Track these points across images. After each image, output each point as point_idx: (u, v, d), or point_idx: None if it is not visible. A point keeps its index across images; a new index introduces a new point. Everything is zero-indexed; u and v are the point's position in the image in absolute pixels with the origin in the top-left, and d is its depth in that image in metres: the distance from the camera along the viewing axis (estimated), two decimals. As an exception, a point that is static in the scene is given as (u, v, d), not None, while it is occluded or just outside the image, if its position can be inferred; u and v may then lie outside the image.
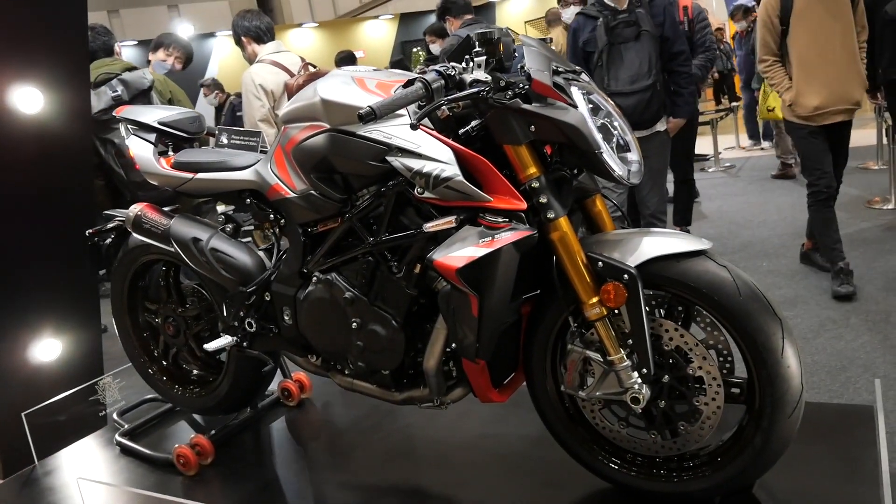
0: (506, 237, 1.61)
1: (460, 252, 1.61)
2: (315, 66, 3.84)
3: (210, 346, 2.17)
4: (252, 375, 2.37)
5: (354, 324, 1.90)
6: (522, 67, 1.71)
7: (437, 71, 1.57)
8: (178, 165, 2.20)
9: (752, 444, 1.65)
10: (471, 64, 1.60)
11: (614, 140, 1.69)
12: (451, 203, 1.67)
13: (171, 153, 2.33)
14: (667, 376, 1.70)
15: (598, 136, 1.61)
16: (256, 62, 3.85)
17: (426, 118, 1.67)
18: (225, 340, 2.16)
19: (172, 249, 2.19)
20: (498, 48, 1.62)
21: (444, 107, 1.62)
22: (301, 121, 1.89)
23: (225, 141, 2.28)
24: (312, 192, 1.90)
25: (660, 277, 1.65)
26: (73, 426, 3.07)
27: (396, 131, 1.71)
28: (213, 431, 2.43)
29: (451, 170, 1.63)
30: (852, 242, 4.49)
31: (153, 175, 2.25)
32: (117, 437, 2.63)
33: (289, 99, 3.73)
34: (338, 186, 1.88)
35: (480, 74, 1.58)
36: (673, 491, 1.76)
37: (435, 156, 1.64)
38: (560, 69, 1.69)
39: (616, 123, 1.71)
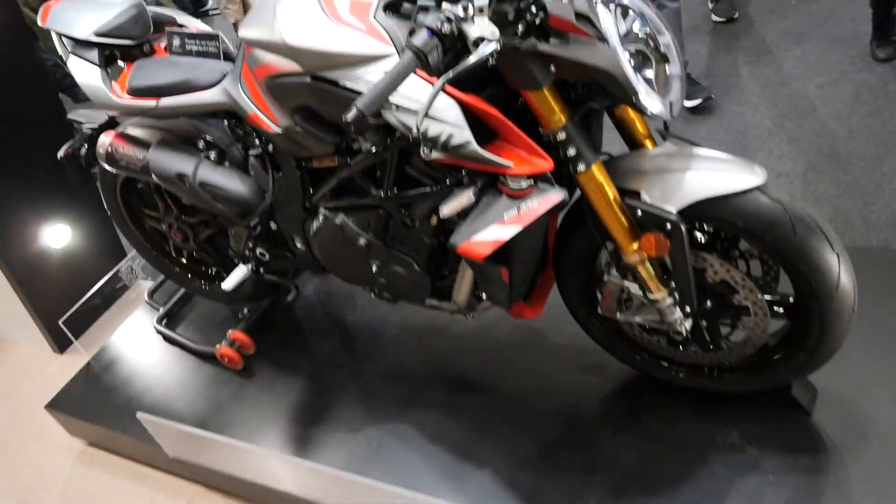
0: (533, 208, 1.41)
1: (484, 235, 1.43)
2: None
3: (227, 283, 2.07)
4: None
5: (374, 266, 1.78)
6: None
7: (428, 28, 1.22)
8: (135, 91, 1.88)
9: (794, 359, 1.62)
10: (469, 9, 1.22)
11: (652, 66, 1.38)
12: (464, 164, 1.44)
13: (121, 62, 1.98)
14: (709, 302, 1.62)
15: (635, 78, 1.31)
16: None
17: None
18: (240, 273, 2.06)
19: (156, 181, 1.99)
20: None
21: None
22: (267, 51, 1.56)
23: (178, 46, 1.91)
24: (299, 130, 1.65)
25: (706, 216, 1.48)
26: (105, 308, 3.16)
27: None
28: (244, 317, 2.46)
29: (462, 134, 1.37)
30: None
31: (110, 106, 1.94)
32: (156, 325, 2.68)
33: None
34: (329, 129, 1.62)
35: (485, 27, 1.22)
36: (711, 388, 1.79)
37: (440, 115, 1.37)
38: None
39: (655, 41, 1.39)
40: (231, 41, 1.94)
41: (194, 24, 2.12)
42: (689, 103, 3.20)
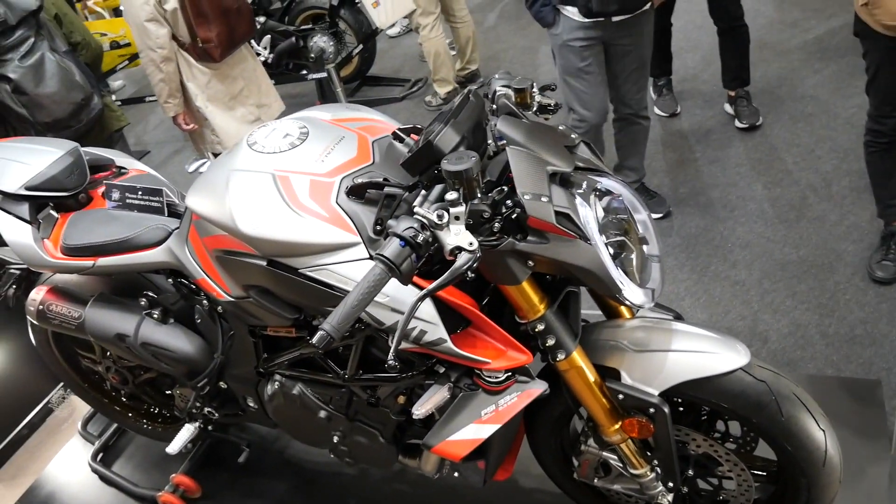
0: (512, 403, 1.33)
1: (461, 434, 1.34)
2: None
3: (172, 447, 1.91)
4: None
5: (336, 437, 1.66)
6: (500, 139, 1.28)
7: (400, 238, 1.12)
8: (70, 251, 1.73)
9: (778, 525, 1.57)
10: (445, 216, 1.13)
11: (635, 254, 1.32)
12: (437, 355, 1.35)
13: (53, 213, 1.82)
14: (691, 471, 1.56)
15: (618, 274, 1.25)
16: None
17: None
18: (187, 433, 1.90)
19: (92, 341, 1.83)
20: (477, 182, 1.16)
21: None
22: (216, 226, 1.44)
23: (117, 199, 1.77)
24: (252, 301, 1.53)
25: (687, 396, 1.42)
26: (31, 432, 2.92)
27: (354, 271, 1.30)
28: (188, 456, 2.28)
29: (436, 331, 1.28)
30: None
31: (41, 266, 1.78)
32: (90, 463, 2.47)
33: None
34: (286, 306, 1.50)
35: (462, 235, 1.13)
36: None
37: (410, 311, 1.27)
38: (559, 168, 1.26)
39: (631, 221, 1.34)
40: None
41: (135, 167, 1.98)
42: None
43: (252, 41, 3.85)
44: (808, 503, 1.47)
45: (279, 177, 1.36)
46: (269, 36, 4.67)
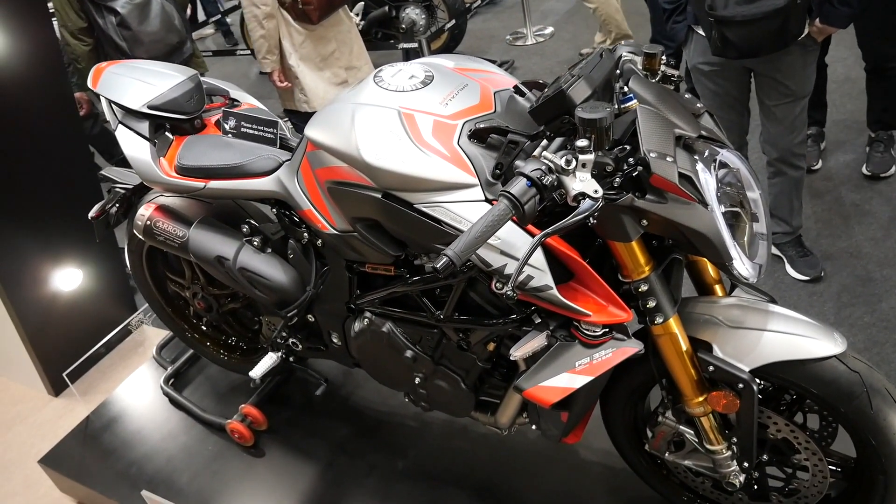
0: (607, 359, 1.36)
1: (553, 382, 1.37)
2: None
3: (255, 372, 1.99)
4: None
5: (417, 378, 1.71)
6: (628, 100, 1.30)
7: (527, 177, 1.15)
8: (184, 171, 1.81)
9: (848, 523, 1.57)
10: (572, 163, 1.17)
11: (746, 229, 1.34)
12: (538, 303, 1.38)
13: (169, 134, 1.91)
14: (766, 456, 1.57)
15: (731, 244, 1.26)
16: None
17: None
18: (269, 361, 1.98)
19: (193, 260, 1.91)
20: (608, 134, 1.18)
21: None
22: (337, 157, 1.50)
23: (233, 128, 1.84)
24: (357, 237, 1.58)
25: (778, 378, 1.43)
26: (106, 352, 3.05)
27: (468, 211, 1.35)
28: (256, 391, 2.36)
29: (543, 278, 1.31)
30: None
31: (155, 183, 1.87)
32: (162, 385, 2.58)
33: None
34: (392, 242, 1.55)
35: (588, 182, 1.15)
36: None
37: (520, 254, 1.31)
38: (684, 132, 1.28)
39: (745, 197, 1.35)
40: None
41: (247, 101, 2.06)
42: (800, 277, 2.86)
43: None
44: (883, 502, 1.47)
45: (404, 114, 1.41)
46: (362, 3, 4.75)
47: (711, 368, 1.41)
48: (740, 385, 1.39)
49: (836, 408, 1.39)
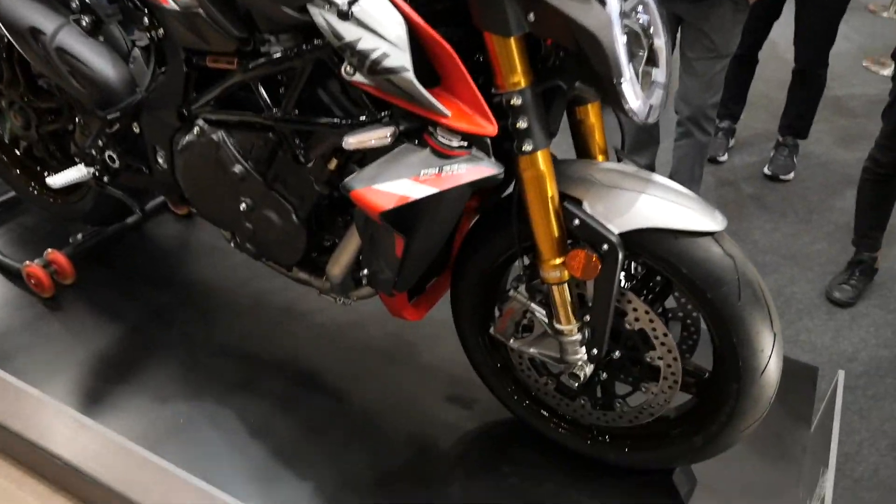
0: (459, 174, 1.15)
1: (390, 186, 1.14)
2: None
3: (55, 179, 1.66)
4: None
5: (244, 204, 1.45)
6: None
7: None
8: None
9: (689, 440, 1.42)
10: None
11: (642, 55, 1.16)
12: (390, 98, 1.15)
13: None
14: (618, 352, 1.40)
15: (623, 57, 1.08)
16: None
17: None
18: (75, 173, 1.66)
19: (2, 30, 1.57)
20: None
21: None
22: None
23: None
24: (201, 12, 1.31)
25: (646, 250, 1.26)
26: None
27: None
28: (74, 240, 2.01)
29: (400, 57, 1.09)
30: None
31: None
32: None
33: None
34: (237, 19, 1.29)
35: None
36: (587, 453, 1.56)
37: (379, 28, 1.09)
38: None
39: (650, 39, 1.18)
40: None
41: None
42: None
43: None
44: (731, 415, 1.33)
45: None
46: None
47: (577, 222, 1.23)
48: (605, 246, 1.21)
49: (703, 293, 1.24)
